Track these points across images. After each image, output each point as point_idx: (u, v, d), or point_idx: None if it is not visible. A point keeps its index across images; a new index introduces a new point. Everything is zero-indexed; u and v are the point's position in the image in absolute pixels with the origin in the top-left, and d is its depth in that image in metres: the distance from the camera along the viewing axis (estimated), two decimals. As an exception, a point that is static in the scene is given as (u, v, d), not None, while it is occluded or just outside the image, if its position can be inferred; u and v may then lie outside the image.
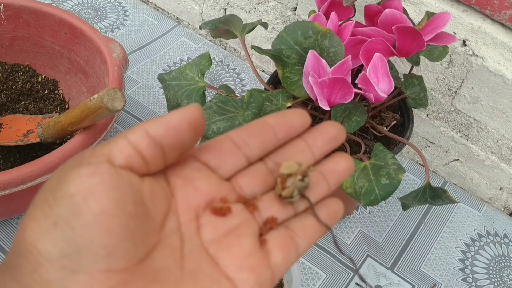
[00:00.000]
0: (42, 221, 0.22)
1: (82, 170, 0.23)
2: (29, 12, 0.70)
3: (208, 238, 0.26)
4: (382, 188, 0.49)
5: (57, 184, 0.23)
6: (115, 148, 0.24)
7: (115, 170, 0.23)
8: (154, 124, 0.24)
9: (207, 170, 0.27)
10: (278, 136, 0.29)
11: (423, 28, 0.52)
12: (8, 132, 0.67)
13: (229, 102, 0.51)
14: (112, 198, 0.22)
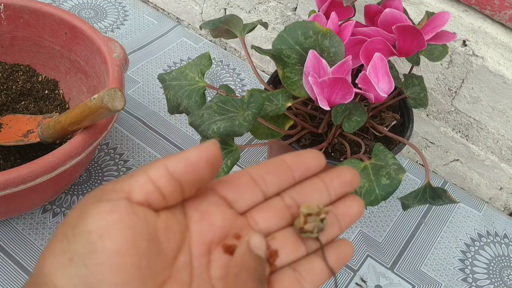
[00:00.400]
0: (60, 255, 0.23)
1: (101, 207, 0.24)
2: (29, 12, 0.70)
3: (216, 275, 0.27)
4: (383, 188, 0.49)
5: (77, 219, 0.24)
6: (135, 184, 0.25)
7: (133, 208, 0.24)
8: (174, 161, 0.25)
9: (224, 205, 0.28)
10: (294, 175, 0.29)
11: (423, 27, 0.52)
12: (8, 132, 0.67)
13: (229, 102, 0.51)
14: (127, 237, 0.23)
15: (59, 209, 0.67)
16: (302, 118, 0.60)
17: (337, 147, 0.60)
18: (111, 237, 0.23)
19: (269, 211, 0.29)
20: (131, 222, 0.24)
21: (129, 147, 0.75)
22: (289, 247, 0.28)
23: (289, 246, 0.28)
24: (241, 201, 0.28)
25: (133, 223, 0.24)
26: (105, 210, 0.24)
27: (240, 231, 0.28)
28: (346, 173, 0.30)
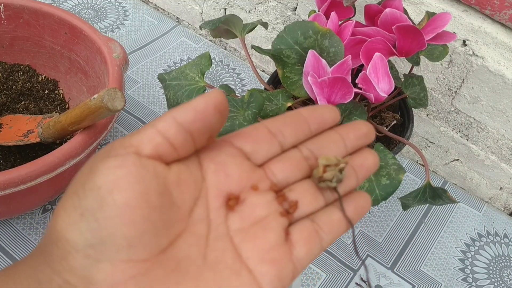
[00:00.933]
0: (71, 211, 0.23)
1: (110, 162, 0.24)
2: (29, 12, 0.70)
3: (234, 227, 0.26)
4: (383, 188, 0.49)
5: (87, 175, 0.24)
6: (144, 137, 0.25)
7: (141, 161, 0.24)
8: (182, 111, 0.25)
9: (241, 157, 0.28)
10: (311, 127, 0.29)
11: (423, 28, 0.52)
12: (8, 132, 0.67)
13: (229, 102, 0.51)
14: (136, 190, 0.23)
15: (59, 209, 0.67)
16: (302, 118, 0.60)
17: (337, 147, 0.60)
18: (120, 191, 0.23)
19: (286, 162, 0.29)
20: (140, 175, 0.23)
21: (129, 147, 0.75)
22: (308, 198, 0.28)
23: (308, 197, 0.28)
24: (258, 153, 0.28)
25: (142, 176, 0.23)
26: (114, 165, 0.23)
27: (258, 183, 0.28)
28: (362, 126, 0.31)
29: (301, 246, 0.27)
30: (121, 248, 0.23)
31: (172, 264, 0.24)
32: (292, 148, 0.29)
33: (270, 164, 0.29)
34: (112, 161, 0.24)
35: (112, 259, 0.23)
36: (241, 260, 0.26)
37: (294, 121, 0.29)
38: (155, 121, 0.25)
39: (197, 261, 0.25)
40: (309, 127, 0.30)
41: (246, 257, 0.26)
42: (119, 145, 0.25)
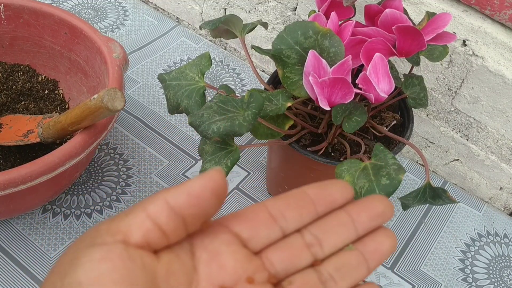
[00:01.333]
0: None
1: (94, 253, 0.22)
2: (29, 12, 0.70)
3: None
4: (383, 188, 0.49)
5: (68, 267, 0.22)
6: (133, 223, 0.23)
7: (129, 253, 0.22)
8: (175, 193, 0.23)
9: (237, 244, 0.25)
10: (317, 210, 0.27)
11: (424, 28, 0.52)
12: (8, 132, 0.67)
13: (229, 102, 0.51)
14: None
15: (59, 209, 0.67)
16: (302, 118, 0.60)
17: (337, 147, 0.60)
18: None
19: (287, 251, 0.26)
20: (126, 270, 0.21)
21: (129, 147, 0.75)
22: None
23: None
24: (256, 239, 0.26)
25: (128, 271, 0.21)
26: (98, 258, 0.21)
27: (254, 274, 0.25)
28: (377, 204, 0.27)
29: None
30: None
31: None
32: (294, 233, 0.27)
33: (268, 252, 0.26)
34: (96, 252, 0.22)
35: None
36: None
37: (298, 202, 0.27)
38: (145, 203, 0.23)
39: None
40: (315, 209, 0.27)
41: None
42: (106, 230, 0.23)
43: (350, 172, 0.50)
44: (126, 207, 0.68)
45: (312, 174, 0.61)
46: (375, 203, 0.27)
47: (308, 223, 0.27)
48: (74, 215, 0.66)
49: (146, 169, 0.73)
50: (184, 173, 0.73)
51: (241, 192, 0.73)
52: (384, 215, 0.27)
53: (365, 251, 0.27)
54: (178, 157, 0.75)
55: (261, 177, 0.75)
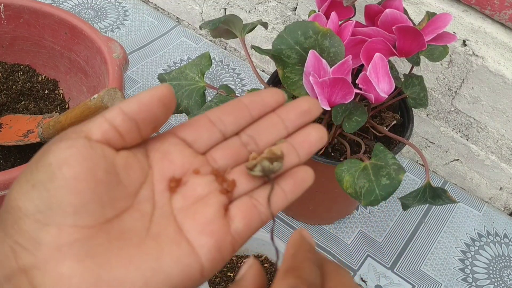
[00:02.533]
0: (24, 184, 0.26)
1: (61, 144, 0.26)
2: (29, 12, 0.70)
3: (178, 206, 0.28)
4: (383, 188, 0.49)
5: (40, 156, 0.26)
6: (93, 125, 0.27)
7: (90, 144, 0.26)
8: (128, 102, 0.28)
9: (183, 145, 0.30)
10: (252, 113, 0.31)
11: (424, 28, 0.52)
12: (8, 132, 0.67)
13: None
14: (84, 166, 0.26)
15: (59, 209, 0.67)
16: (302, 118, 0.60)
17: (337, 147, 0.60)
18: (69, 166, 0.25)
19: (226, 149, 0.30)
20: (88, 154, 0.26)
21: (129, 147, 0.75)
22: (246, 178, 0.30)
23: (245, 177, 0.30)
24: (200, 141, 0.30)
25: (90, 155, 0.26)
26: (64, 146, 0.26)
27: (199, 167, 0.30)
28: (303, 103, 0.31)
29: (240, 219, 0.28)
30: (67, 214, 0.25)
31: (116, 233, 0.26)
32: (233, 136, 0.31)
33: (211, 152, 0.30)
34: (63, 143, 0.26)
35: (59, 223, 0.25)
36: (182, 233, 0.27)
37: (234, 108, 0.31)
38: (104, 112, 0.28)
39: (140, 233, 0.27)
40: (250, 113, 0.31)
41: (186, 230, 0.27)
42: (71, 131, 0.27)
43: (350, 172, 0.50)
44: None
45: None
46: (302, 102, 0.31)
47: (244, 126, 0.31)
48: (74, 215, 0.66)
49: (146, 169, 0.73)
50: (184, 173, 0.73)
51: (241, 192, 0.72)
52: (311, 112, 0.31)
53: (294, 142, 0.31)
54: (178, 157, 0.75)
55: (261, 177, 0.75)
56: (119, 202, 0.27)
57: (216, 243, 0.27)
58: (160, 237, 0.27)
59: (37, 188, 0.25)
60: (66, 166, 0.25)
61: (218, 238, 0.27)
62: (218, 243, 0.27)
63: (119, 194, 0.27)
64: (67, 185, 0.25)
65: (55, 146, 0.26)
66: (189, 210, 0.28)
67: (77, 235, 0.25)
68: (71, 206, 0.25)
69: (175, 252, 0.26)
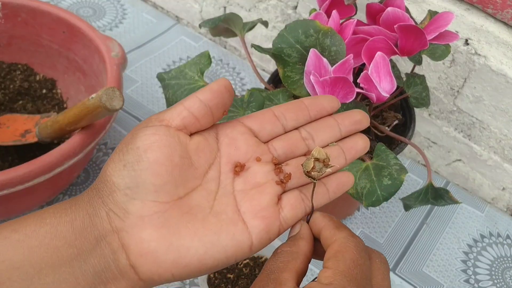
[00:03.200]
0: (117, 162, 0.32)
1: (147, 130, 0.32)
2: (27, 11, 0.69)
3: (238, 188, 0.34)
4: (384, 189, 0.49)
5: (130, 139, 0.32)
6: (174, 112, 0.33)
7: (170, 131, 0.32)
8: (202, 92, 0.34)
9: (249, 134, 0.35)
10: (310, 114, 0.36)
11: (426, 27, 0.52)
12: (6, 131, 0.67)
13: (229, 101, 0.51)
14: (164, 152, 0.32)
15: (57, 210, 0.66)
16: (302, 117, 0.60)
17: (338, 147, 0.60)
18: (152, 151, 0.31)
19: (287, 141, 0.36)
20: (167, 141, 0.32)
21: (128, 147, 0.75)
22: (300, 173, 0.35)
23: (300, 172, 0.35)
24: (263, 131, 0.36)
25: (169, 142, 0.32)
26: (149, 133, 0.32)
27: (261, 155, 0.35)
28: (356, 114, 0.37)
29: (289, 209, 0.34)
30: (149, 192, 0.31)
31: (186, 208, 0.32)
32: (293, 130, 0.36)
33: (273, 142, 0.36)
34: (148, 130, 0.32)
35: (143, 198, 0.31)
36: (239, 214, 0.33)
37: (296, 107, 0.36)
38: (183, 100, 0.34)
39: (205, 209, 0.33)
40: (309, 113, 0.36)
41: (243, 212, 0.33)
42: (155, 118, 0.33)
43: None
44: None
45: (313, 175, 0.61)
46: (356, 113, 0.37)
47: (304, 124, 0.37)
48: (72, 215, 0.66)
49: (145, 169, 0.72)
50: (183, 173, 0.73)
51: (241, 192, 0.72)
52: (362, 122, 0.37)
53: (344, 147, 0.36)
54: (178, 157, 0.75)
55: (261, 177, 0.74)
56: (190, 182, 0.33)
57: (266, 227, 0.33)
58: (221, 215, 0.33)
59: (127, 168, 0.31)
60: (150, 151, 0.31)
61: (268, 222, 0.33)
62: (268, 226, 0.33)
63: (191, 175, 0.33)
64: (151, 167, 0.31)
65: (141, 131, 0.32)
66: (248, 194, 0.34)
67: (156, 209, 0.31)
68: (153, 186, 0.31)
69: (232, 229, 0.32)
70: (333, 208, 0.68)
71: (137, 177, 0.31)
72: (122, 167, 0.32)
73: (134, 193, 0.31)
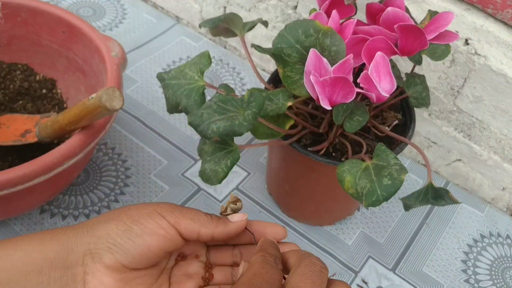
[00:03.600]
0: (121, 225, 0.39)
1: (155, 220, 0.39)
2: (26, 11, 0.69)
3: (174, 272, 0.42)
4: (384, 189, 0.49)
5: (137, 217, 0.39)
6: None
7: (169, 231, 0.39)
8: None
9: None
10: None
11: (426, 27, 0.52)
12: (6, 131, 0.67)
13: (229, 101, 0.51)
14: (160, 243, 0.38)
15: (57, 210, 0.66)
16: (302, 117, 0.60)
17: (338, 147, 0.60)
18: (152, 238, 0.38)
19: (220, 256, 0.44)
20: (168, 237, 0.39)
21: (127, 147, 0.75)
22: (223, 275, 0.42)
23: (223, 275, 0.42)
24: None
25: (166, 238, 0.39)
26: (155, 223, 0.39)
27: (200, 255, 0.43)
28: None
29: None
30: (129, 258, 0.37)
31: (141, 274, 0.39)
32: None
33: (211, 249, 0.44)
34: (155, 221, 0.39)
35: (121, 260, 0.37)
36: None
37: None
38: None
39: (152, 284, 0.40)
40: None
41: None
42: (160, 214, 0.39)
43: (352, 172, 0.50)
44: (125, 208, 0.68)
45: (313, 174, 0.61)
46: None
47: None
48: (72, 215, 0.66)
49: (145, 169, 0.72)
50: (183, 173, 0.73)
51: (241, 192, 0.72)
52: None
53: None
54: (177, 157, 0.75)
55: (261, 177, 0.74)
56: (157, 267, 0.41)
57: None
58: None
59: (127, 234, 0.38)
60: (150, 236, 0.38)
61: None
62: None
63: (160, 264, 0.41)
64: (143, 247, 0.38)
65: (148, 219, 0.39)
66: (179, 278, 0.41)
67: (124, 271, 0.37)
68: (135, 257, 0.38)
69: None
70: (332, 208, 0.68)
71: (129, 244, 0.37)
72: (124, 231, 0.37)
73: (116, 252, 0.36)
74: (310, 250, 0.67)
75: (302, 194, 0.66)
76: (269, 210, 0.70)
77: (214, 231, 0.40)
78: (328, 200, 0.65)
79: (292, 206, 0.69)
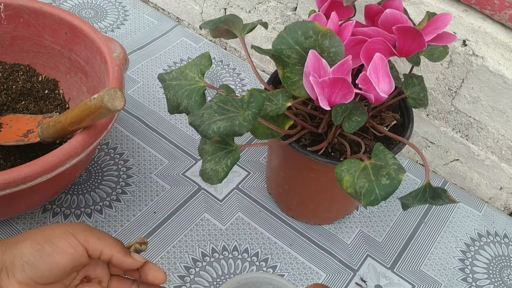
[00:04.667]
0: (36, 246, 0.44)
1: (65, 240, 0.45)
2: (29, 12, 0.70)
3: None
4: (383, 188, 0.49)
5: (48, 237, 0.45)
6: None
7: (78, 250, 0.45)
8: None
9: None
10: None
11: (424, 28, 0.52)
12: (9, 131, 0.67)
13: (229, 102, 0.51)
14: (67, 261, 0.44)
15: (59, 209, 0.67)
16: (302, 118, 0.60)
17: (337, 147, 0.60)
18: (62, 256, 0.44)
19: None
20: (75, 255, 0.45)
21: (129, 146, 0.75)
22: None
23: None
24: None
25: (72, 257, 0.45)
26: (67, 243, 0.45)
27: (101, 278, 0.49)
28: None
29: None
30: (38, 275, 0.43)
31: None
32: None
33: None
34: (66, 241, 0.45)
35: (32, 276, 0.43)
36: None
37: None
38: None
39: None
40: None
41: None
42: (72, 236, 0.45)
43: (350, 172, 0.50)
44: (126, 207, 0.68)
45: (312, 174, 0.61)
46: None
47: None
48: (74, 214, 0.66)
49: (146, 169, 0.73)
50: (184, 173, 0.73)
51: (241, 192, 0.73)
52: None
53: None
54: (178, 157, 0.75)
55: (261, 177, 0.75)
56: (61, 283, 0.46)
57: None
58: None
59: (39, 253, 0.43)
60: (60, 255, 0.44)
61: None
62: None
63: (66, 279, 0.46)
64: (52, 266, 0.43)
65: (59, 239, 0.44)
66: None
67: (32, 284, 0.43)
68: (43, 274, 0.43)
69: None
70: (331, 207, 0.68)
71: (40, 262, 0.42)
72: (37, 250, 0.43)
73: (28, 269, 0.42)
74: (309, 249, 0.67)
75: (302, 193, 0.66)
76: (269, 209, 0.71)
77: (114, 254, 0.45)
78: (327, 199, 0.66)
79: (291, 205, 0.69)
